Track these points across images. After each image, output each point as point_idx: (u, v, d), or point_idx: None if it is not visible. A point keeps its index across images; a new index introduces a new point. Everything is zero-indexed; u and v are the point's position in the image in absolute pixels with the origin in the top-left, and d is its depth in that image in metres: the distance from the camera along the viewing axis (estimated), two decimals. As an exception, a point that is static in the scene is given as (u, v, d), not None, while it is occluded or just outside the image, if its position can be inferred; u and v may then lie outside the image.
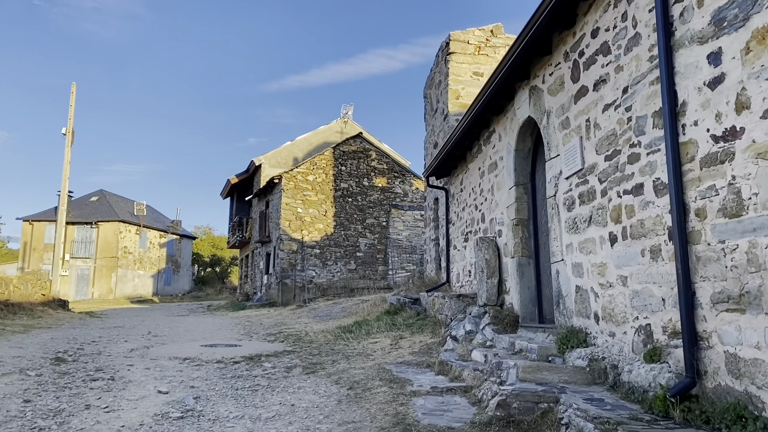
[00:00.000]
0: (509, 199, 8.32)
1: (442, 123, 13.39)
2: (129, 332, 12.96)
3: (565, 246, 6.35)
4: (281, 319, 16.75)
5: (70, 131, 21.68)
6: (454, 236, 12.05)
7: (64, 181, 21.57)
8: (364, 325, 11.41)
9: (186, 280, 53.69)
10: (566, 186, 6.32)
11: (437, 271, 13.95)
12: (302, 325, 13.98)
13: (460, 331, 8.46)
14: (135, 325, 15.54)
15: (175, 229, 51.92)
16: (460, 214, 11.60)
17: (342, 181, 27.34)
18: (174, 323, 16.68)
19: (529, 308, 7.95)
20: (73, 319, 17.45)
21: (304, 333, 11.70)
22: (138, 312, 26.22)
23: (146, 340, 11.01)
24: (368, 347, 9.32)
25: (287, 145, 31.79)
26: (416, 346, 9.07)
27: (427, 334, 9.92)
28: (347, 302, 18.04)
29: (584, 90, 5.91)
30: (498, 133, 8.87)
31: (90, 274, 43.30)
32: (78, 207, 45.30)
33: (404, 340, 9.73)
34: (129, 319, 18.60)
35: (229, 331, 13.44)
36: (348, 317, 14.26)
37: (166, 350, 9.37)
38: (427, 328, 10.46)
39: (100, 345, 10.18)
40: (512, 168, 8.19)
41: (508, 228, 8.33)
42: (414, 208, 27.69)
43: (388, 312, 12.64)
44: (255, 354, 8.93)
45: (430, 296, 11.88)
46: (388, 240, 27.29)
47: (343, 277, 26.46)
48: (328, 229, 26.85)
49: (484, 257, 8.75)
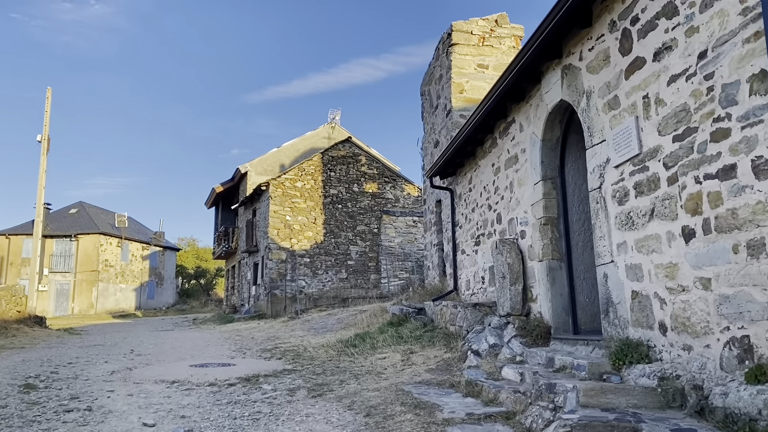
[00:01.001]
0: (535, 195, 7.47)
1: (444, 120, 12.55)
2: (110, 351, 11.91)
3: (615, 245, 5.50)
4: (274, 332, 15.74)
5: (46, 138, 20.55)
6: (462, 240, 11.18)
7: (39, 191, 20.41)
8: (367, 339, 10.48)
9: (170, 293, 52.27)
10: (615, 176, 5.47)
11: (441, 278, 13.06)
12: (298, 338, 13.00)
13: (483, 344, 7.57)
14: (116, 342, 14.45)
15: (158, 241, 50.55)
16: (469, 216, 10.74)
17: (331, 187, 26.42)
18: (159, 339, 15.61)
19: (561, 318, 7.08)
20: (50, 337, 16.30)
21: (302, 348, 10.74)
22: (120, 327, 25.01)
23: (129, 360, 9.98)
24: (377, 364, 8.39)
25: (273, 151, 30.82)
26: (431, 361, 8.16)
27: (439, 348, 9.01)
28: (342, 313, 17.08)
29: (639, 62, 5.07)
30: (518, 123, 8.03)
31: (70, 289, 41.81)
32: (57, 220, 43.86)
33: (416, 354, 8.81)
34: (110, 336, 17.48)
35: (219, 348, 12.43)
36: (346, 329, 13.31)
37: (151, 372, 8.36)
38: (438, 340, 9.56)
39: (77, 367, 9.14)
40: (538, 161, 7.34)
41: (534, 228, 7.47)
42: (406, 214, 26.83)
43: (391, 323, 11.71)
44: (252, 374, 7.96)
45: (437, 305, 10.99)
46: (380, 247, 26.37)
47: (335, 286, 25.49)
48: (318, 237, 25.88)
49: (506, 261, 7.88)
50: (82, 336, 17.62)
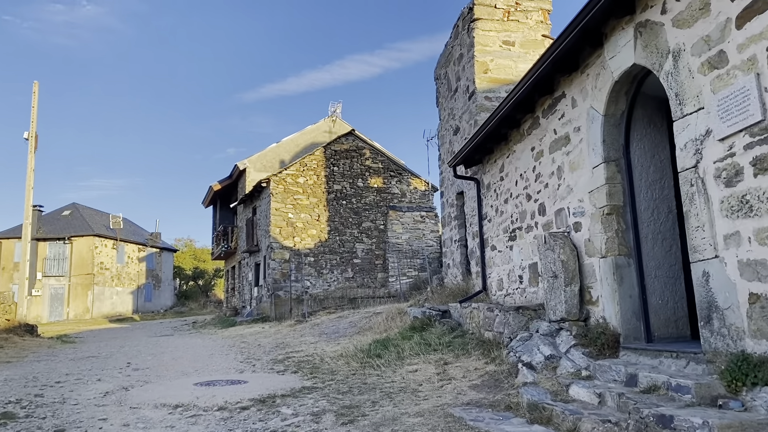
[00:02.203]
0: (594, 181, 6.41)
1: (466, 103, 11.48)
2: (104, 364, 10.82)
3: (721, 237, 4.44)
4: (281, 338, 14.67)
5: (33, 135, 19.41)
6: (492, 234, 10.12)
7: (27, 191, 19.27)
8: (390, 346, 9.42)
9: (168, 295, 51.09)
10: (720, 151, 4.42)
11: (465, 278, 12.00)
12: (310, 346, 11.93)
13: (536, 355, 6.51)
14: (112, 353, 13.36)
15: (154, 242, 49.34)
16: (500, 208, 9.67)
17: (335, 182, 25.31)
18: (158, 348, 14.52)
19: (632, 323, 6.03)
20: (41, 347, 15.20)
21: (318, 358, 9.67)
22: (116, 333, 23.90)
23: (125, 377, 8.90)
24: (409, 378, 7.33)
25: (273, 147, 29.67)
26: (473, 375, 7.10)
27: (477, 358, 7.96)
28: (354, 315, 16.01)
29: (761, 5, 4.01)
30: (570, 98, 6.96)
31: (64, 293, 40.60)
32: (50, 222, 42.62)
33: (451, 366, 7.76)
34: (106, 344, 16.38)
35: (225, 357, 11.35)
36: (362, 334, 12.25)
37: (151, 393, 7.29)
38: (472, 348, 8.50)
39: (66, 387, 8.05)
40: (599, 140, 6.28)
41: (594, 219, 6.41)
42: (413, 209, 25.74)
43: (413, 328, 10.65)
44: (267, 394, 6.89)
45: (465, 308, 9.93)
46: (386, 244, 25.29)
47: (341, 286, 24.41)
48: (322, 235, 24.79)
49: (558, 258, 6.81)
50: (76, 344, 16.52)
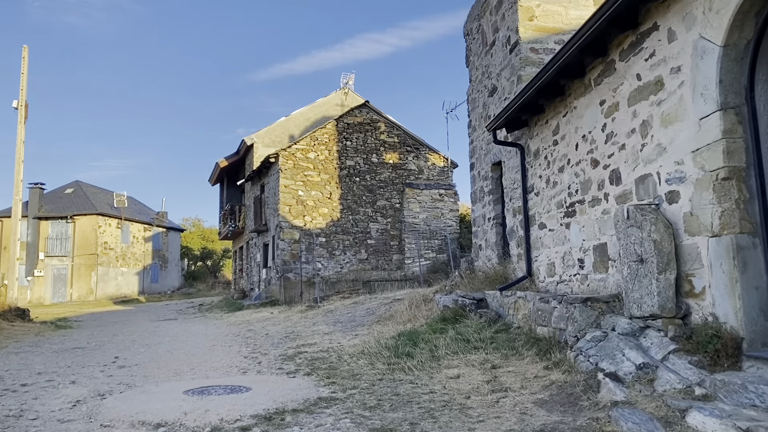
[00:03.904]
0: (703, 136, 4.86)
1: (507, 57, 9.88)
2: (88, 359, 9.44)
3: None
4: (291, 325, 13.26)
5: (23, 105, 17.96)
6: (541, 210, 8.59)
7: (17, 164, 17.87)
8: (419, 341, 7.96)
9: (175, 275, 49.92)
10: None
11: (502, 261, 10.50)
12: (324, 337, 10.50)
13: (622, 363, 5.01)
14: (102, 342, 11.99)
15: (160, 222, 48.05)
16: (552, 178, 8.13)
17: (347, 158, 23.76)
18: (155, 336, 13.16)
19: (759, 324, 4.53)
20: (28, 334, 13.88)
21: (335, 355, 8.22)
22: (118, 317, 22.64)
23: (105, 378, 7.49)
24: (451, 387, 5.85)
25: (282, 121, 28.11)
26: (533, 385, 5.61)
27: (533, 361, 6.48)
28: (371, 301, 14.58)
29: None
30: (666, 30, 5.38)
31: (67, 274, 39.41)
32: (52, 200, 41.36)
33: (502, 371, 6.28)
34: (100, 331, 15.05)
35: (227, 350, 9.95)
36: (383, 324, 10.81)
37: (130, 404, 5.86)
38: (522, 347, 7.03)
39: (31, 392, 6.65)
40: (713, 80, 4.72)
41: (702, 186, 4.88)
42: (431, 187, 24.18)
43: (444, 319, 9.18)
44: (274, 409, 5.43)
45: (507, 297, 8.45)
46: (402, 224, 23.79)
47: (354, 268, 22.97)
48: (334, 214, 23.31)
49: (649, 238, 5.28)
50: (68, 331, 15.20)
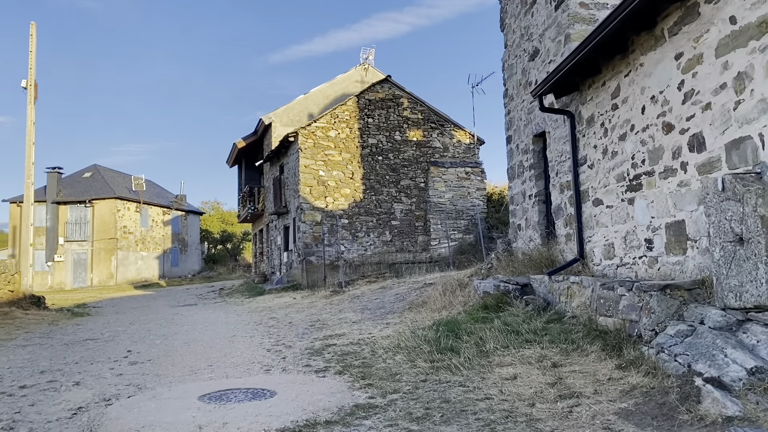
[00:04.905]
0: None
1: (552, 15, 8.87)
2: (99, 353, 8.72)
3: None
4: (316, 313, 12.47)
5: (32, 84, 17.25)
6: (595, 185, 7.64)
7: (28, 147, 17.20)
8: (462, 333, 7.10)
9: (195, 259, 49.55)
10: None
11: (546, 242, 9.57)
12: (352, 327, 9.68)
13: (729, 366, 4.10)
14: (117, 333, 11.30)
15: (179, 205, 47.56)
16: (611, 148, 7.16)
17: (369, 135, 22.82)
18: (173, 325, 12.47)
19: None
20: (41, 323, 13.27)
21: (367, 349, 7.39)
22: (136, 303, 22.10)
23: (114, 378, 6.74)
24: (509, 391, 4.98)
25: (300, 98, 27.19)
26: (610, 390, 4.71)
27: (599, 358, 5.58)
28: (399, 286, 13.73)
29: None
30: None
31: (87, 259, 39.11)
32: (70, 185, 40.98)
33: (565, 371, 5.39)
34: (116, 319, 14.42)
35: (248, 342, 9.18)
36: (416, 312, 9.97)
37: (136, 414, 5.07)
38: (583, 341, 6.14)
39: (29, 397, 5.91)
40: None
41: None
42: (457, 165, 23.17)
43: (485, 306, 8.31)
44: (303, 420, 4.60)
45: (559, 282, 7.54)
46: (427, 204, 22.86)
47: (377, 251, 22.15)
48: (357, 195, 22.45)
49: (755, 213, 4.34)
50: (83, 320, 14.59)
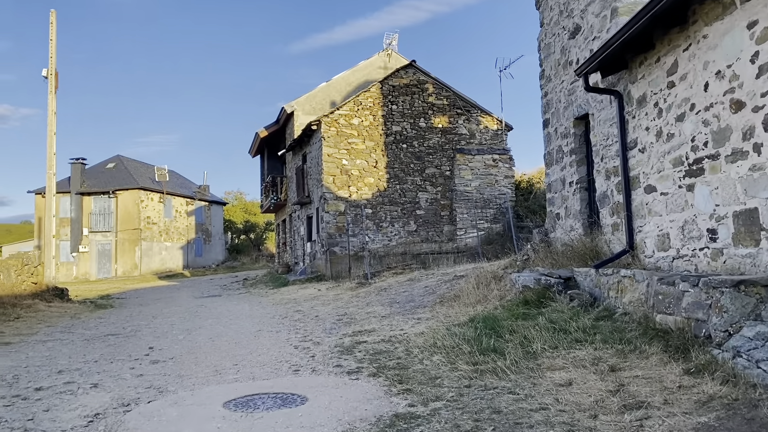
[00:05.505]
0: None
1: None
2: (120, 349, 8.38)
3: None
4: (343, 306, 12.05)
5: (53, 73, 17.01)
6: (647, 170, 7.06)
7: (50, 137, 17.00)
8: (503, 331, 6.60)
9: (219, 249, 49.58)
10: None
11: (589, 232, 9.00)
12: (382, 322, 9.23)
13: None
14: (139, 327, 10.99)
15: (202, 195, 47.51)
16: (667, 129, 6.58)
17: (393, 123, 22.28)
18: (196, 318, 12.15)
19: None
20: (64, 316, 13.04)
21: (401, 348, 6.92)
22: (160, 294, 21.93)
23: (133, 380, 6.36)
24: (566, 399, 4.48)
25: (322, 86, 26.72)
26: (682, 399, 4.19)
27: (662, 361, 5.04)
28: (428, 278, 13.24)
29: None
30: None
31: (111, 249, 39.22)
32: (93, 175, 41.08)
33: (625, 375, 4.87)
34: (139, 312, 14.16)
35: (275, 338, 8.78)
36: (448, 306, 9.48)
37: (156, 424, 4.66)
38: (637, 340, 5.61)
39: (44, 401, 5.55)
40: None
41: None
42: (484, 152, 22.55)
43: (526, 302, 7.79)
44: (339, 432, 4.16)
45: (608, 276, 7.00)
46: (453, 193, 22.30)
47: (402, 241, 21.67)
48: (381, 184, 21.96)
49: None
50: (106, 312, 14.35)
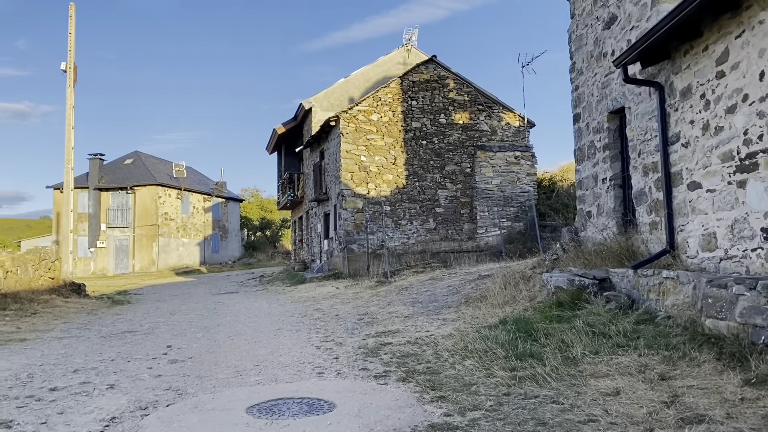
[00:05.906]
0: None
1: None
2: (136, 349, 8.14)
3: None
4: (363, 305, 11.76)
5: (71, 66, 16.91)
6: (692, 165, 6.68)
7: (68, 131, 16.90)
8: (539, 335, 6.28)
9: (235, 246, 49.58)
10: None
11: (624, 231, 8.62)
12: (406, 322, 8.91)
13: None
14: (156, 324, 10.79)
15: (219, 192, 47.52)
16: (714, 122, 6.20)
17: (413, 119, 21.94)
18: (215, 315, 11.93)
19: None
20: (81, 312, 12.88)
21: (429, 351, 6.60)
22: (177, 290, 21.80)
23: (152, 380, 6.11)
24: (615, 410, 4.13)
25: (341, 82, 26.45)
26: (747, 414, 3.84)
27: (715, 368, 4.70)
28: (451, 277, 12.92)
29: None
30: None
31: (129, 245, 39.30)
32: (111, 171, 41.20)
33: (677, 384, 4.52)
34: (156, 308, 13.98)
35: (295, 337, 8.51)
36: (474, 307, 9.15)
37: (176, 429, 4.39)
38: (685, 346, 5.26)
39: (59, 402, 5.30)
40: None
41: None
42: (506, 149, 22.15)
43: (559, 303, 7.45)
44: (371, 443, 3.86)
45: (648, 277, 6.63)
46: (474, 190, 21.93)
47: (421, 239, 21.35)
48: (399, 181, 21.64)
49: None
50: (123, 308, 14.19)
